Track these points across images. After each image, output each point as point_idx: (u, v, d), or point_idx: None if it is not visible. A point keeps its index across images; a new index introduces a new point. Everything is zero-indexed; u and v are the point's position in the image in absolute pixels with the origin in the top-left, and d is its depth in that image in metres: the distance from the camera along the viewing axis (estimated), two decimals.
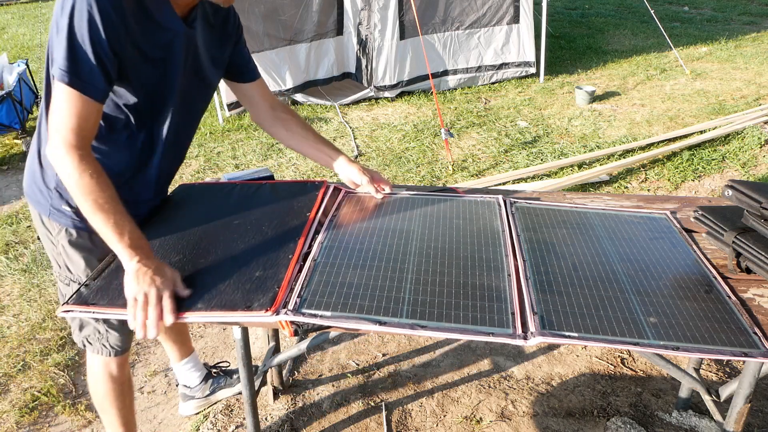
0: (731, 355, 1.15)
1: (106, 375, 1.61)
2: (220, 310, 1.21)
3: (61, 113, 1.19)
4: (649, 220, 1.69)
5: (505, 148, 4.26)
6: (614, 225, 1.64)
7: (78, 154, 1.20)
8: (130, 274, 1.21)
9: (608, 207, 1.75)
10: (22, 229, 3.38)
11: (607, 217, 1.69)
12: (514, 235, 1.54)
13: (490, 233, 1.55)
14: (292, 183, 1.80)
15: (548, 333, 1.17)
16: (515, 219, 1.64)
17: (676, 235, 1.60)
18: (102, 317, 1.30)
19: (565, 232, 1.59)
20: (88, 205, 1.21)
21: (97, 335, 1.53)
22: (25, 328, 2.56)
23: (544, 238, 1.55)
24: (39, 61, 6.55)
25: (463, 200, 1.75)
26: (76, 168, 1.19)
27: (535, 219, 1.65)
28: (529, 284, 1.33)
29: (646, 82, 5.71)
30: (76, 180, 1.20)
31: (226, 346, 2.46)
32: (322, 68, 5.24)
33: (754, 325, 1.24)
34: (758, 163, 3.95)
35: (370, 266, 1.37)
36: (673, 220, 1.68)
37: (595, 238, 1.56)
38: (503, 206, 1.70)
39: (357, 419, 2.01)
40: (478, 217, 1.65)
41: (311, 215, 1.58)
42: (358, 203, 1.71)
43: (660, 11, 8.52)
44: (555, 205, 1.76)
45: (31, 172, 1.42)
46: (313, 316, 1.20)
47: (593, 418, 2.00)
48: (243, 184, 1.78)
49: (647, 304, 1.29)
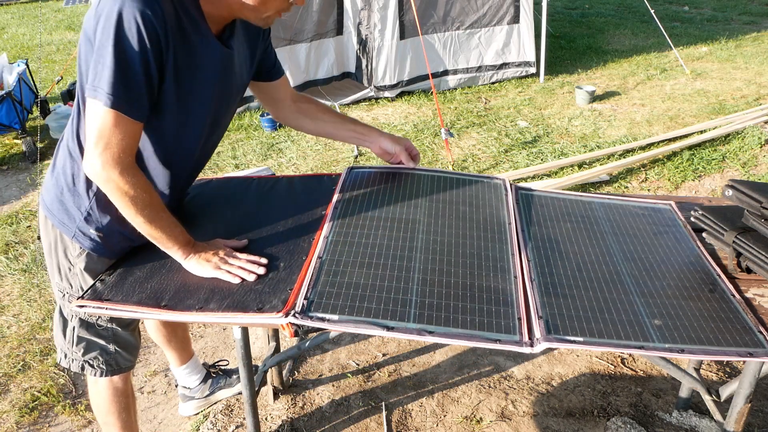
0: (736, 355, 1.15)
1: (110, 389, 1.57)
2: (232, 311, 1.21)
3: (107, 134, 1.17)
4: (654, 211, 1.67)
5: (505, 148, 4.25)
6: (619, 218, 1.62)
7: (129, 172, 1.21)
8: (192, 266, 1.33)
9: (613, 197, 1.72)
10: (22, 229, 3.38)
11: (611, 207, 1.66)
12: (519, 230, 1.52)
13: (497, 225, 1.52)
14: (309, 177, 1.76)
15: (554, 338, 1.16)
16: (520, 209, 1.60)
17: (680, 229, 1.58)
18: (116, 314, 1.28)
19: (570, 226, 1.56)
20: (141, 220, 1.26)
21: (105, 356, 1.50)
22: (25, 328, 2.56)
23: (548, 234, 1.52)
24: (39, 61, 6.55)
25: (469, 181, 1.70)
26: (130, 186, 1.22)
27: (539, 210, 1.62)
28: (534, 287, 1.31)
29: (646, 82, 5.71)
30: (132, 197, 1.23)
31: (226, 346, 2.46)
32: (322, 68, 5.24)
33: (758, 324, 1.23)
34: (758, 162, 3.95)
35: (376, 264, 1.35)
36: (677, 212, 1.67)
37: (599, 234, 1.54)
38: (509, 191, 1.67)
39: (357, 419, 2.01)
40: (484, 203, 1.61)
41: (326, 213, 1.54)
42: (362, 185, 1.67)
43: (660, 11, 8.52)
44: (560, 193, 1.73)
45: (58, 191, 1.37)
46: (321, 320, 1.18)
47: (593, 418, 1.99)
48: (260, 179, 1.77)
49: (651, 306, 1.28)
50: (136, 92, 1.16)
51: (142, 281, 1.32)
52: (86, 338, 1.46)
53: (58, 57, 7.11)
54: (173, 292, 1.28)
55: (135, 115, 1.18)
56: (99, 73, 1.14)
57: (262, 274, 1.32)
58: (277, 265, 1.36)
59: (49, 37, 8.13)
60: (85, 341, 1.47)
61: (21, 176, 4.10)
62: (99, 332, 1.47)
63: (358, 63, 5.27)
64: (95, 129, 1.17)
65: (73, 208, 1.36)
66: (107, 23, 1.11)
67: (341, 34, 5.21)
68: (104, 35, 1.12)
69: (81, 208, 1.35)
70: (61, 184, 1.36)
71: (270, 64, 1.56)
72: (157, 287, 1.30)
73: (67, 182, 1.35)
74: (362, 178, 1.70)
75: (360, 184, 1.68)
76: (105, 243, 1.39)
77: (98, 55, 1.14)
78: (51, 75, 6.21)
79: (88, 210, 1.35)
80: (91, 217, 1.36)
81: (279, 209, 1.60)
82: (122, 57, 1.12)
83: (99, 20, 1.13)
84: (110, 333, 1.48)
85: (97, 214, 1.35)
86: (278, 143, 4.44)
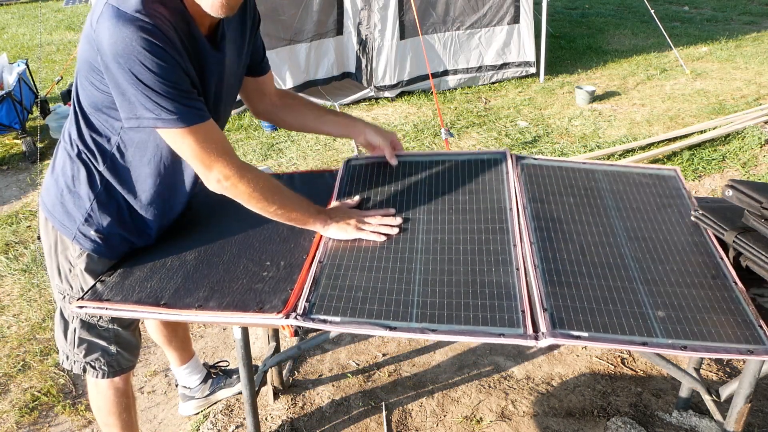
0: (737, 353, 1.15)
1: (111, 390, 1.56)
2: (232, 310, 1.21)
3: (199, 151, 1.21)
4: (659, 179, 1.64)
5: (505, 148, 4.25)
6: (623, 187, 1.59)
7: (238, 172, 1.26)
8: (334, 232, 1.42)
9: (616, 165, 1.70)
10: (22, 229, 3.38)
11: (615, 176, 1.63)
12: (520, 207, 1.49)
13: (497, 213, 1.50)
14: (310, 174, 1.76)
15: (559, 334, 1.16)
16: (523, 185, 1.58)
17: (684, 201, 1.56)
18: (116, 314, 1.28)
19: (573, 201, 1.54)
20: (272, 211, 1.33)
21: (107, 358, 1.49)
22: (25, 328, 2.56)
23: (551, 212, 1.50)
24: (39, 61, 6.55)
25: (468, 162, 1.67)
26: (247, 183, 1.27)
27: (543, 183, 1.59)
28: (537, 275, 1.31)
29: (646, 82, 5.71)
30: (251, 194, 1.29)
31: (226, 346, 2.46)
32: (322, 68, 5.24)
33: (759, 318, 1.24)
34: (758, 162, 3.95)
35: (377, 267, 1.35)
36: (682, 179, 1.64)
37: (603, 209, 1.52)
38: (510, 167, 1.64)
39: (357, 419, 2.01)
40: (484, 188, 1.58)
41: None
42: (361, 179, 1.66)
43: (660, 11, 8.52)
44: (563, 161, 1.70)
45: (58, 193, 1.37)
46: (323, 321, 1.18)
47: (593, 418, 1.99)
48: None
49: (655, 295, 1.28)
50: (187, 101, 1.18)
51: (141, 281, 1.32)
52: (88, 340, 1.46)
53: (58, 57, 7.11)
54: (173, 291, 1.28)
55: (203, 117, 1.21)
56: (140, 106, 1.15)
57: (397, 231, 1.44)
58: (277, 263, 1.36)
59: (49, 37, 8.13)
60: (86, 343, 1.46)
61: (21, 176, 4.10)
62: (100, 333, 1.46)
63: (358, 63, 5.27)
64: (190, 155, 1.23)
65: (73, 209, 1.36)
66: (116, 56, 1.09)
67: (341, 34, 5.21)
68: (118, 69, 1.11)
69: (81, 209, 1.35)
70: (60, 186, 1.36)
71: (259, 59, 1.56)
72: (156, 287, 1.30)
73: (67, 184, 1.35)
74: (360, 171, 1.68)
75: (358, 178, 1.66)
76: (105, 244, 1.39)
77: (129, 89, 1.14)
78: (51, 75, 6.21)
79: (89, 212, 1.35)
80: (91, 218, 1.35)
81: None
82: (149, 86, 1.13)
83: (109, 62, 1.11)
84: (112, 334, 1.48)
85: (97, 215, 1.35)
86: (278, 143, 4.44)
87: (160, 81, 1.12)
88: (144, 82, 1.12)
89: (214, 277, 1.32)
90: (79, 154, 1.31)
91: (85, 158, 1.31)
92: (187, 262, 1.37)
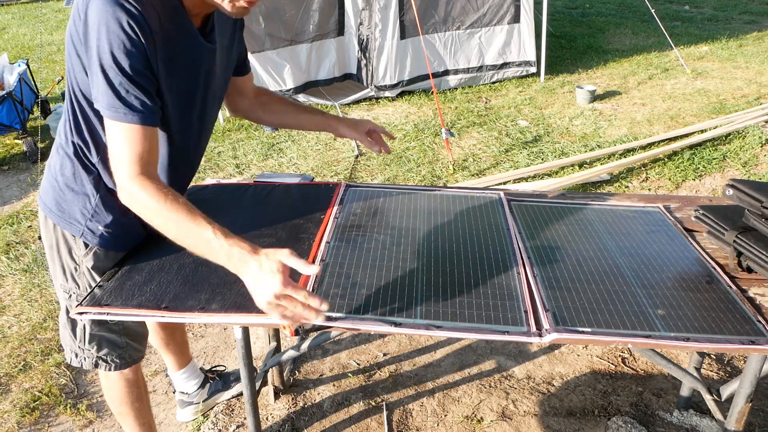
0: (740, 343, 1.17)
1: (123, 381, 1.58)
2: (235, 311, 1.21)
3: (124, 149, 1.16)
4: (644, 214, 1.72)
5: (505, 148, 4.25)
6: (612, 220, 1.67)
7: (152, 183, 1.17)
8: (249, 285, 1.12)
9: (605, 203, 1.78)
10: (23, 229, 3.38)
11: (604, 212, 1.71)
12: (516, 233, 1.56)
13: (495, 229, 1.57)
14: (307, 186, 1.80)
15: (562, 329, 1.18)
16: (515, 217, 1.65)
17: (671, 228, 1.63)
18: (116, 319, 1.28)
19: (566, 228, 1.61)
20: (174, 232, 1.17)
21: (118, 350, 1.50)
22: (26, 328, 2.57)
23: (545, 235, 1.56)
24: (39, 61, 6.56)
25: (465, 197, 1.76)
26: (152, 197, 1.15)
27: (534, 216, 1.67)
28: (537, 281, 1.34)
29: (646, 82, 5.71)
30: (158, 210, 1.15)
31: (226, 346, 2.46)
32: (323, 69, 5.24)
33: (757, 314, 1.25)
34: (759, 162, 3.95)
35: (380, 266, 1.38)
36: (667, 214, 1.70)
37: (594, 233, 1.59)
38: (505, 203, 1.72)
39: (358, 419, 2.01)
40: (481, 213, 1.66)
41: (325, 219, 1.59)
42: (359, 198, 1.72)
43: (661, 10, 8.51)
44: (553, 201, 1.77)
45: (59, 192, 1.36)
46: (327, 318, 1.19)
47: (594, 417, 1.99)
48: (255, 185, 1.79)
49: (653, 297, 1.31)
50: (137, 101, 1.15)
51: (141, 285, 1.32)
52: (98, 335, 1.47)
53: (59, 57, 7.11)
54: (174, 294, 1.28)
55: (147, 122, 1.17)
56: (98, 90, 1.13)
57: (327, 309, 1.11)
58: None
59: (50, 37, 8.13)
60: (97, 338, 1.47)
61: (22, 176, 4.10)
62: (110, 327, 1.48)
63: (358, 63, 5.27)
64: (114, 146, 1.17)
65: (78, 207, 1.36)
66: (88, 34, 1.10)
67: (342, 35, 5.21)
68: (87, 49, 1.11)
69: (87, 206, 1.35)
70: (61, 185, 1.36)
71: (243, 58, 1.58)
72: (157, 290, 1.30)
73: (68, 183, 1.35)
74: (358, 195, 1.76)
75: (357, 197, 1.74)
76: (113, 237, 1.39)
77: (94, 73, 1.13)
78: (52, 75, 6.21)
79: (95, 208, 1.35)
80: (98, 214, 1.36)
81: (277, 213, 1.62)
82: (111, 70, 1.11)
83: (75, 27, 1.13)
84: (120, 326, 1.49)
85: (102, 210, 1.36)
86: (279, 143, 4.44)
87: (123, 69, 1.12)
88: (112, 65, 1.11)
89: (215, 278, 1.32)
90: (75, 152, 1.31)
91: (81, 154, 1.32)
92: (186, 265, 1.37)
